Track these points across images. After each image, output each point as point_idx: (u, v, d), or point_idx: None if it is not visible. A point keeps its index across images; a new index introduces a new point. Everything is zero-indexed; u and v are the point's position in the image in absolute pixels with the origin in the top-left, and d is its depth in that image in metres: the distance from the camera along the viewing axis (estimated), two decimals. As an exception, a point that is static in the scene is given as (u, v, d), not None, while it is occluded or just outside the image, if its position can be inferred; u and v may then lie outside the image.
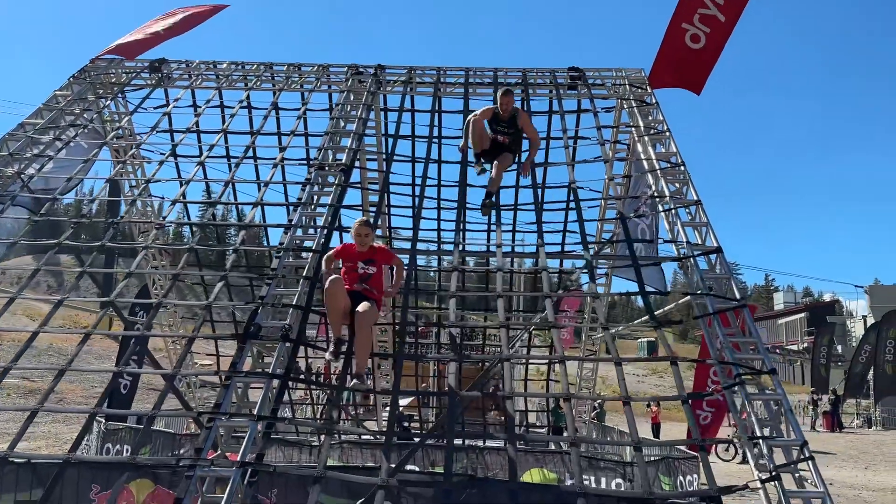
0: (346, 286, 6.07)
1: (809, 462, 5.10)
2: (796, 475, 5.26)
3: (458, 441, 11.56)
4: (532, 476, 9.79)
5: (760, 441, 5.19)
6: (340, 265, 6.43)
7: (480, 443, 12.15)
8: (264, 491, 6.97)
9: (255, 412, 5.41)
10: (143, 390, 18.37)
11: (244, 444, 5.21)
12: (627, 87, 9.98)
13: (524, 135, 8.30)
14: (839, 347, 46.83)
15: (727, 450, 19.60)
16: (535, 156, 8.65)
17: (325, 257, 6.52)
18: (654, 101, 9.59)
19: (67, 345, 29.48)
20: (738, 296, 6.55)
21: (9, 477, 6.65)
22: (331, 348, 6.12)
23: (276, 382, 5.71)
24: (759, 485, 4.98)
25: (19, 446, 5.45)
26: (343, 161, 8.16)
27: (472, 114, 8.26)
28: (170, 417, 14.37)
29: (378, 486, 5.19)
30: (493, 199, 8.04)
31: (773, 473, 4.93)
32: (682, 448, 10.63)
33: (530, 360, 16.62)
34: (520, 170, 8.58)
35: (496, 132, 8.08)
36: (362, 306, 5.96)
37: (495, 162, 8.05)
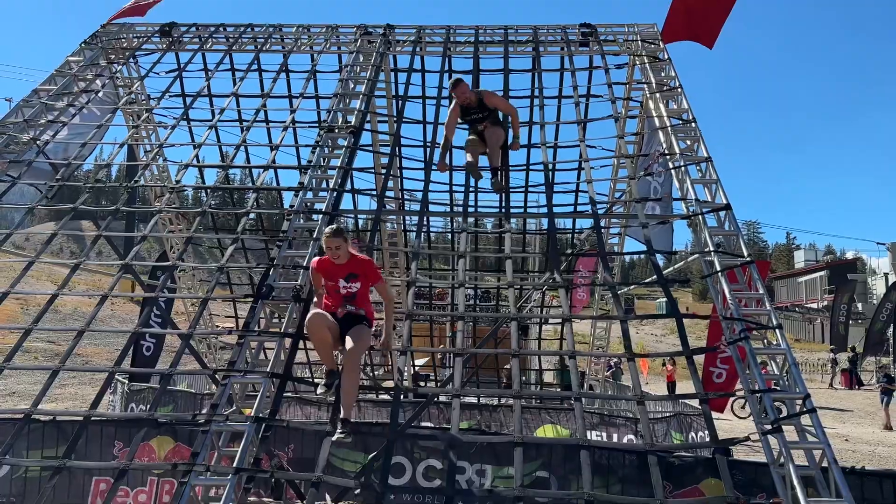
0: (331, 308, 5.53)
1: (812, 414, 5.15)
2: (799, 428, 5.32)
3: (471, 399, 11.75)
4: (545, 432, 9.96)
5: (763, 394, 5.25)
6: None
7: (494, 401, 12.32)
8: (280, 446, 7.17)
9: (267, 370, 5.57)
10: (170, 353, 18.79)
11: (258, 399, 5.37)
12: (640, 42, 9.84)
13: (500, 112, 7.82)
14: (860, 305, 46.49)
15: (743, 407, 19.68)
16: (519, 127, 8.13)
17: (310, 274, 5.85)
18: (666, 56, 9.46)
19: (92, 310, 30.09)
20: (745, 252, 6.55)
21: (35, 434, 6.90)
22: (322, 382, 5.57)
23: (287, 341, 5.85)
24: (760, 437, 5.05)
25: (46, 407, 5.65)
26: (352, 123, 8.18)
27: (446, 126, 7.75)
28: (192, 379, 14.76)
29: (389, 440, 5.35)
30: (500, 175, 7.75)
31: (775, 426, 5.00)
32: (695, 405, 10.72)
33: (539, 320, 16.74)
34: (506, 148, 7.95)
35: (473, 122, 7.69)
36: (351, 339, 5.35)
37: (487, 143, 7.62)
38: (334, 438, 5.21)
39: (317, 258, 5.78)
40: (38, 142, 8.42)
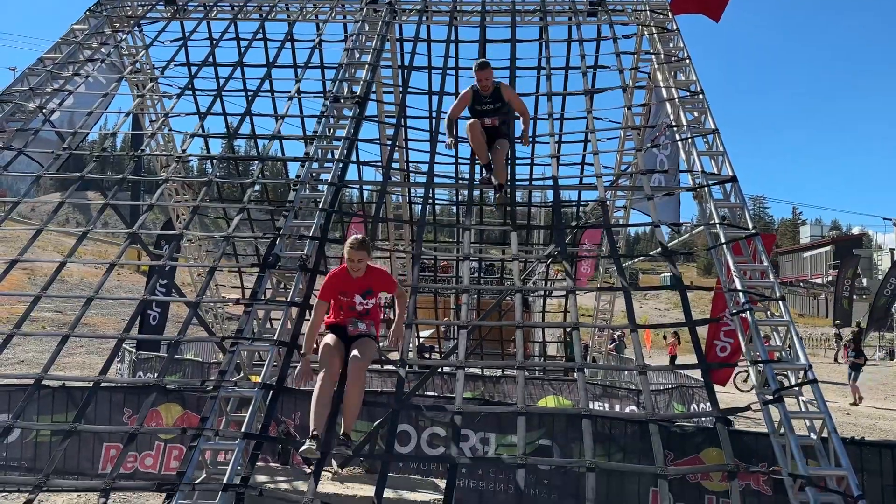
0: (342, 316, 5.30)
1: (813, 385, 5.19)
2: (801, 398, 5.37)
3: (475, 370, 11.84)
4: (547, 402, 10.06)
5: (765, 365, 5.29)
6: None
7: (498, 373, 12.42)
8: (287, 413, 7.27)
9: (274, 338, 5.63)
10: (176, 322, 18.94)
11: (265, 366, 5.44)
12: (648, 13, 9.74)
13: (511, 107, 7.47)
14: (864, 280, 46.42)
15: (745, 381, 19.78)
16: (529, 124, 7.73)
17: (316, 304, 5.43)
18: (675, 27, 9.36)
19: (99, 280, 30.30)
20: (750, 225, 6.55)
21: (45, 400, 7.01)
22: (307, 444, 4.84)
23: (294, 310, 5.90)
24: (761, 407, 5.10)
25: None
26: (358, 93, 8.15)
27: (452, 107, 7.54)
28: (199, 348, 14.89)
29: (394, 409, 5.42)
30: (505, 191, 7.27)
31: (776, 396, 5.04)
32: (697, 377, 10.79)
33: (542, 293, 16.78)
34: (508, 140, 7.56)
35: (482, 115, 7.31)
36: (358, 351, 5.14)
37: (494, 153, 7.24)
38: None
39: (328, 275, 5.45)
40: (43, 110, 8.41)
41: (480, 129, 7.23)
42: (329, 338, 5.28)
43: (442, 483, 5.47)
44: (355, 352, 5.17)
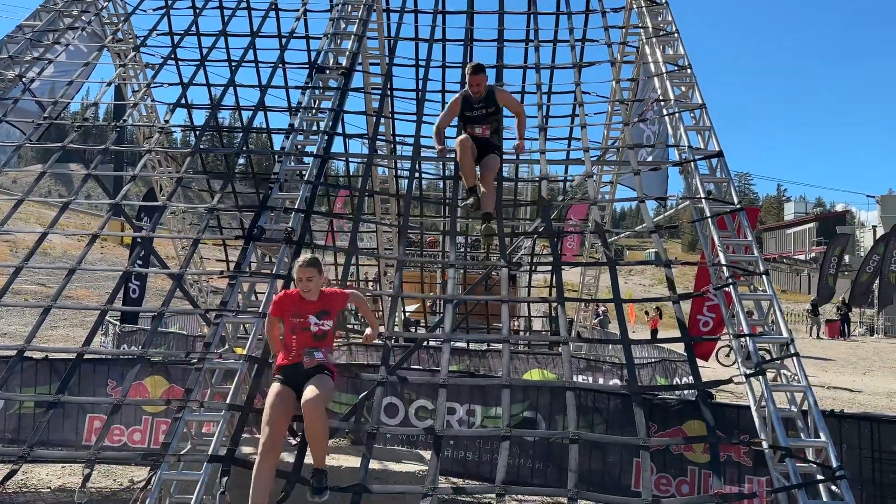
0: (294, 348, 4.76)
1: (794, 358, 5.25)
2: (782, 371, 5.44)
3: (461, 344, 11.90)
4: (532, 375, 10.12)
5: (747, 338, 5.35)
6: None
7: (484, 347, 12.49)
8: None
9: (259, 311, 5.61)
10: (158, 296, 18.82)
11: (250, 338, 5.43)
12: (637, -14, 9.66)
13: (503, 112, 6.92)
14: (846, 258, 46.90)
15: (728, 355, 20.02)
16: (525, 129, 7.17)
17: (267, 322, 5.05)
18: (664, 1, 9.30)
19: (82, 252, 30.10)
20: (736, 200, 6.57)
21: (28, 372, 6.96)
22: None
23: (279, 282, 5.87)
24: (743, 380, 5.17)
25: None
26: (343, 64, 8.05)
27: (440, 116, 6.95)
28: (184, 321, 14.85)
29: (378, 382, 5.44)
30: (492, 220, 6.53)
31: (758, 369, 5.10)
32: (680, 351, 10.90)
33: (527, 268, 16.84)
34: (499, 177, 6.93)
35: (472, 122, 6.64)
36: (312, 389, 4.53)
37: (483, 174, 6.56)
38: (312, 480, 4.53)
39: (278, 295, 4.99)
40: (23, 79, 8.25)
41: (472, 147, 6.54)
42: (275, 391, 4.67)
43: (427, 454, 5.52)
44: (308, 393, 4.52)
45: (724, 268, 5.85)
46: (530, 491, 6.18)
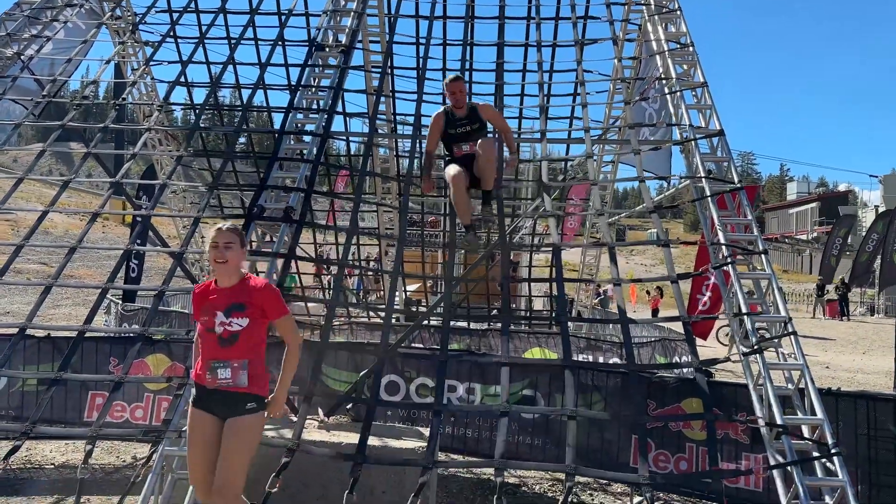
0: (199, 362, 3.68)
1: (792, 337, 5.28)
2: (780, 350, 5.46)
3: (461, 323, 11.94)
4: (533, 354, 10.16)
5: (745, 317, 5.37)
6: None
7: (484, 326, 12.51)
8: (274, 364, 7.30)
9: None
10: (160, 275, 18.85)
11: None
12: (640, -38, 9.55)
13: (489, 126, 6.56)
14: (849, 237, 46.85)
15: (727, 335, 20.07)
16: (514, 142, 6.91)
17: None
18: (666, -23, 9.20)
19: (82, 231, 30.22)
20: (736, 179, 6.56)
21: (31, 350, 7.00)
22: None
23: (280, 261, 5.88)
24: (740, 358, 5.19)
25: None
26: (343, 42, 8.00)
27: (427, 138, 6.47)
28: (186, 300, 14.89)
29: (380, 358, 5.48)
30: (492, 203, 6.36)
31: (756, 347, 5.13)
32: (679, 330, 10.93)
33: (526, 248, 16.83)
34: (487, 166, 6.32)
35: (458, 140, 6.31)
36: (220, 471, 3.48)
37: (478, 160, 6.18)
38: None
39: (199, 285, 3.85)
40: (22, 56, 8.21)
41: (466, 182, 6.21)
42: (189, 421, 3.63)
43: (426, 431, 5.57)
44: (218, 478, 3.45)
45: (723, 247, 5.85)
46: (529, 466, 6.22)
